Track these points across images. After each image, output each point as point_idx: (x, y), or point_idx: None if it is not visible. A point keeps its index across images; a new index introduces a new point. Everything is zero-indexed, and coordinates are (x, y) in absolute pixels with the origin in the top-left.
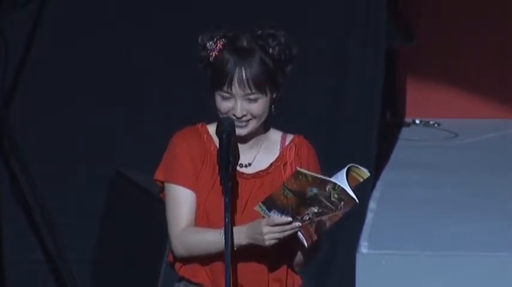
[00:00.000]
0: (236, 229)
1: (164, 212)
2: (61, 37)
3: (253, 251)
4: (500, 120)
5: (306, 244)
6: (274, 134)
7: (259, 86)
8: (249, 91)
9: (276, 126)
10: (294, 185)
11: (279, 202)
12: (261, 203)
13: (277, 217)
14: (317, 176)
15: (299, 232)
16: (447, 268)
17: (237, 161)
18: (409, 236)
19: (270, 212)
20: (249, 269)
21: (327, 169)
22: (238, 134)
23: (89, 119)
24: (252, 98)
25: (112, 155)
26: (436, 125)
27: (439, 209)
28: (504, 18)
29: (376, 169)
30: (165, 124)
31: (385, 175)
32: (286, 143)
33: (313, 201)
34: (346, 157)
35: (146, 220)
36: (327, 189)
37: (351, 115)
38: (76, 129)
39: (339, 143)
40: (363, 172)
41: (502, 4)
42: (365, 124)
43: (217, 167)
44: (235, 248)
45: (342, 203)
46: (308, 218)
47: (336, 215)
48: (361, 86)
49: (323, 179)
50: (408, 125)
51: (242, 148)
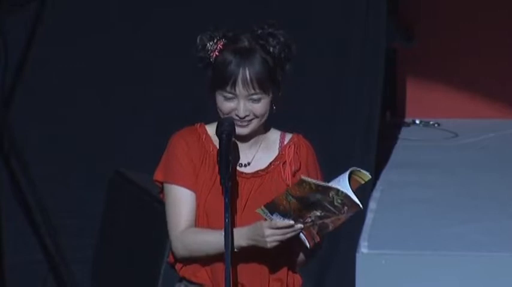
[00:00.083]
0: (237, 231)
1: (164, 212)
2: (61, 37)
3: (254, 251)
4: (500, 120)
5: (308, 245)
6: (273, 133)
7: (263, 86)
8: (252, 91)
9: (276, 126)
10: (298, 193)
11: (281, 207)
12: (263, 207)
13: (279, 221)
14: (321, 183)
15: (301, 233)
16: (447, 268)
17: (237, 161)
18: (409, 236)
19: (272, 215)
20: (249, 269)
21: (327, 169)
22: (240, 133)
23: (88, 119)
24: (255, 98)
25: (112, 155)
26: (436, 125)
27: (439, 209)
28: (504, 18)
29: (376, 169)
30: (164, 124)
31: (385, 175)
32: (285, 142)
33: (316, 205)
34: (345, 156)
35: (146, 220)
36: (330, 195)
37: (350, 115)
38: (76, 129)
39: (339, 143)
40: (365, 175)
41: (502, 4)
42: (365, 124)
43: (216, 167)
44: (235, 250)
45: (346, 207)
46: (311, 221)
47: (339, 218)
48: (361, 86)
49: (327, 186)
50: (408, 125)
51: (241, 147)
